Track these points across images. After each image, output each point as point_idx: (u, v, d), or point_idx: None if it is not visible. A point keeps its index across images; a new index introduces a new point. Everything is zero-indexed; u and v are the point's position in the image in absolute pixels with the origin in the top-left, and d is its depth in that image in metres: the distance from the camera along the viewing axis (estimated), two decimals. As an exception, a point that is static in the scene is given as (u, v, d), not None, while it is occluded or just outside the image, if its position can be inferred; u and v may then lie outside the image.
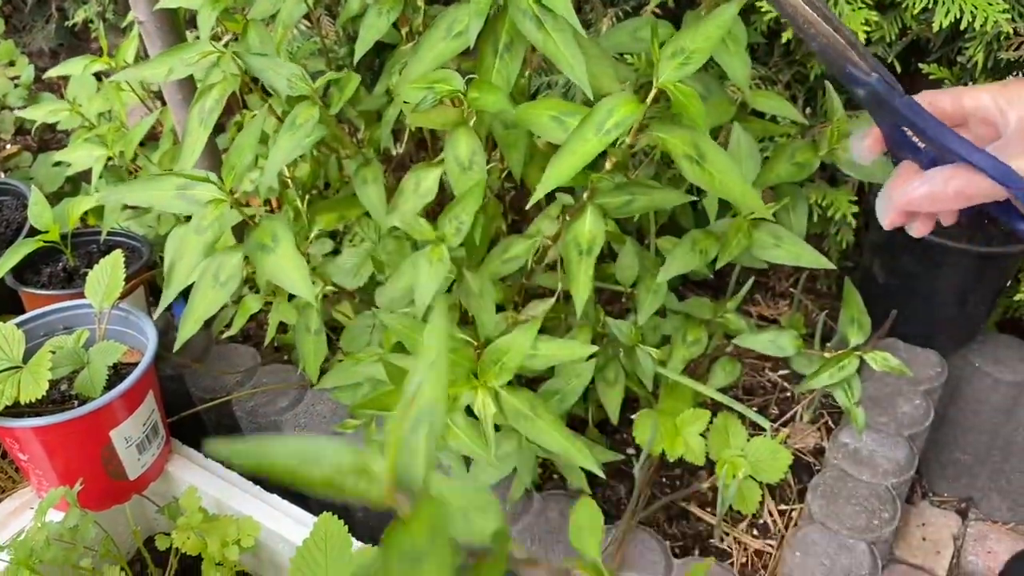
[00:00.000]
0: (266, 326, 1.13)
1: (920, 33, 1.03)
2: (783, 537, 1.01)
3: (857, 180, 1.16)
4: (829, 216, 1.16)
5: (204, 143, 0.89)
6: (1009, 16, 0.93)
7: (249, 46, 0.94)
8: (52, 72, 1.24)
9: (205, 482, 1.05)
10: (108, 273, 1.01)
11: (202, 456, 1.10)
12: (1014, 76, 1.07)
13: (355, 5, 0.94)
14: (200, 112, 0.89)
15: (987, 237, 1.05)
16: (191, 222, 0.80)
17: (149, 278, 1.28)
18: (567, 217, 0.83)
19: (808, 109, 1.19)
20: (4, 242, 1.29)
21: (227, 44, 0.98)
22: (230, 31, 1.00)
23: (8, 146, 1.89)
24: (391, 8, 0.87)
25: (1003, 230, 1.04)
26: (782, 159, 0.90)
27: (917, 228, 0.57)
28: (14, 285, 1.21)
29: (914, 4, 0.96)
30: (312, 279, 0.83)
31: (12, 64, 1.97)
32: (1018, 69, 1.06)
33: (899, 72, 1.08)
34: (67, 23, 2.05)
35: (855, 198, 1.15)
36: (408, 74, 0.81)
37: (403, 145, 1.13)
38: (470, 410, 0.76)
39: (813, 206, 1.16)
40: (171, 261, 0.82)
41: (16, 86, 1.92)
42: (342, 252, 1.03)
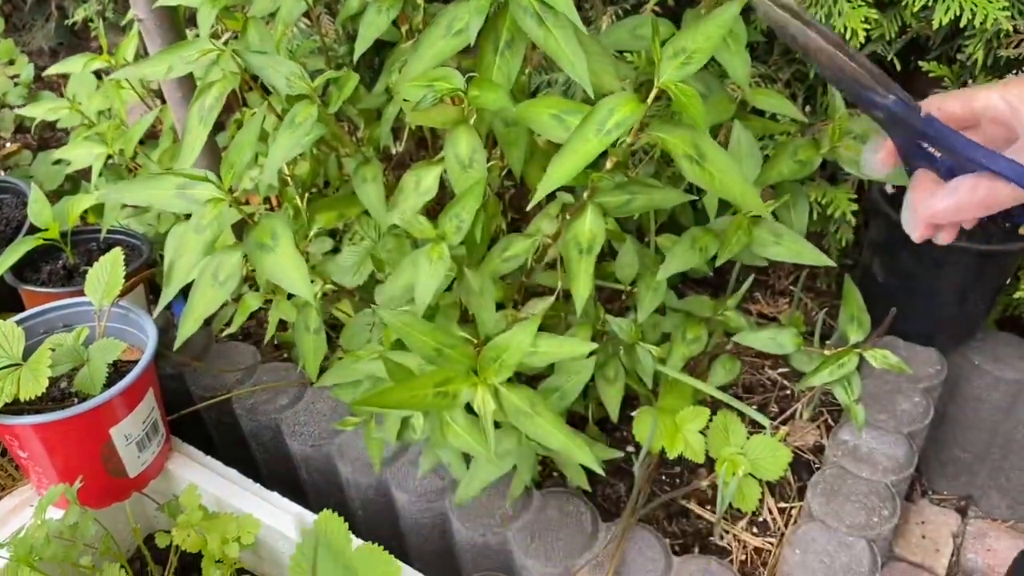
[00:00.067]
0: (266, 324, 1.13)
1: (920, 31, 1.03)
2: (783, 535, 1.02)
3: (857, 178, 1.17)
4: (829, 214, 1.16)
5: (204, 141, 0.89)
6: (1009, 14, 0.93)
7: (249, 44, 0.94)
8: (52, 70, 1.24)
9: (205, 480, 1.05)
10: (108, 271, 1.01)
11: (202, 454, 1.10)
12: (1015, 74, 1.07)
13: (355, 3, 0.94)
14: (200, 110, 0.89)
15: (987, 235, 1.05)
16: (190, 221, 0.80)
17: (149, 276, 1.28)
18: (567, 216, 0.83)
19: (808, 107, 1.19)
20: (4, 240, 1.29)
21: (227, 42, 0.98)
22: (230, 29, 1.00)
23: (8, 144, 1.89)
24: (391, 6, 0.87)
25: (1004, 228, 1.04)
26: (784, 157, 0.90)
27: (943, 237, 0.57)
28: (14, 283, 1.21)
29: (914, 2, 0.96)
30: (311, 277, 0.83)
31: (12, 63, 1.97)
32: (1018, 67, 1.06)
33: (899, 70, 1.08)
34: (67, 22, 2.05)
35: (855, 196, 1.15)
36: (408, 72, 0.81)
37: (403, 143, 1.13)
38: (470, 408, 0.76)
39: (813, 204, 1.16)
40: (171, 259, 0.82)
41: (16, 84, 1.92)
42: (342, 250, 1.03)
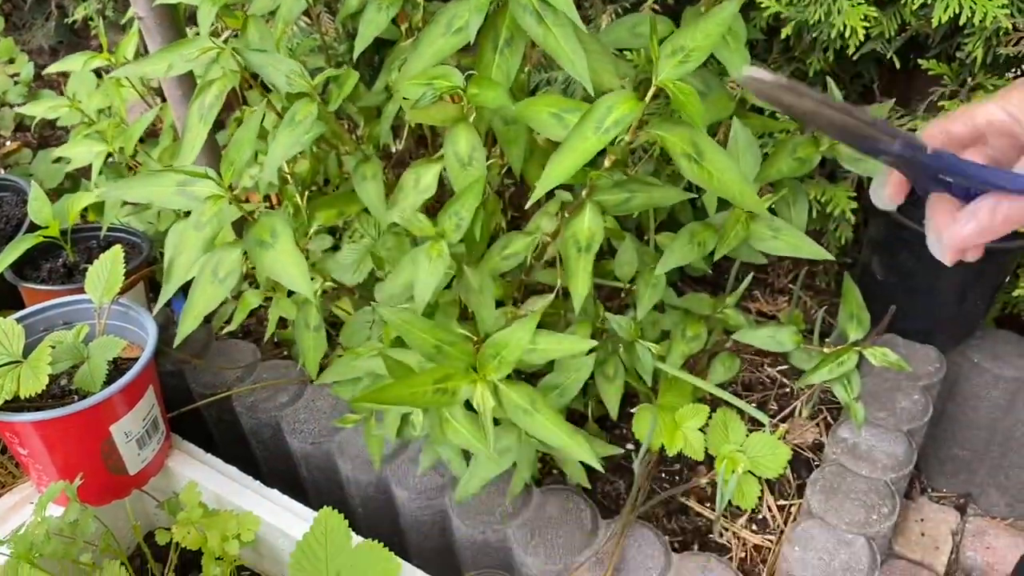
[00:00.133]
0: (266, 322, 1.13)
1: (919, 29, 1.03)
2: (782, 532, 1.02)
3: (856, 176, 1.17)
4: (828, 212, 1.16)
5: (204, 139, 0.89)
6: (1008, 12, 0.93)
7: (249, 42, 0.94)
8: (52, 68, 1.24)
9: (205, 477, 1.05)
10: (108, 268, 1.01)
11: (202, 451, 1.10)
12: (1012, 73, 1.07)
13: (354, 1, 0.94)
14: (200, 108, 0.89)
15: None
16: (190, 218, 0.80)
17: (149, 274, 1.29)
18: (566, 214, 0.83)
19: (807, 105, 1.19)
20: (4, 238, 1.29)
21: (227, 40, 0.98)
22: (230, 27, 1.00)
23: (8, 142, 1.89)
24: (390, 4, 0.87)
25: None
26: (783, 154, 0.90)
27: (971, 256, 0.57)
28: (14, 280, 1.21)
29: (913, 0, 0.96)
30: (311, 275, 0.83)
31: (12, 61, 1.97)
32: (1017, 65, 1.06)
33: (898, 68, 1.08)
34: (67, 20, 2.05)
35: (854, 194, 1.15)
36: (407, 70, 0.81)
37: (403, 142, 1.13)
38: (470, 405, 0.77)
39: (812, 202, 1.16)
40: (170, 256, 0.82)
41: (16, 83, 1.92)
42: (341, 248, 1.03)
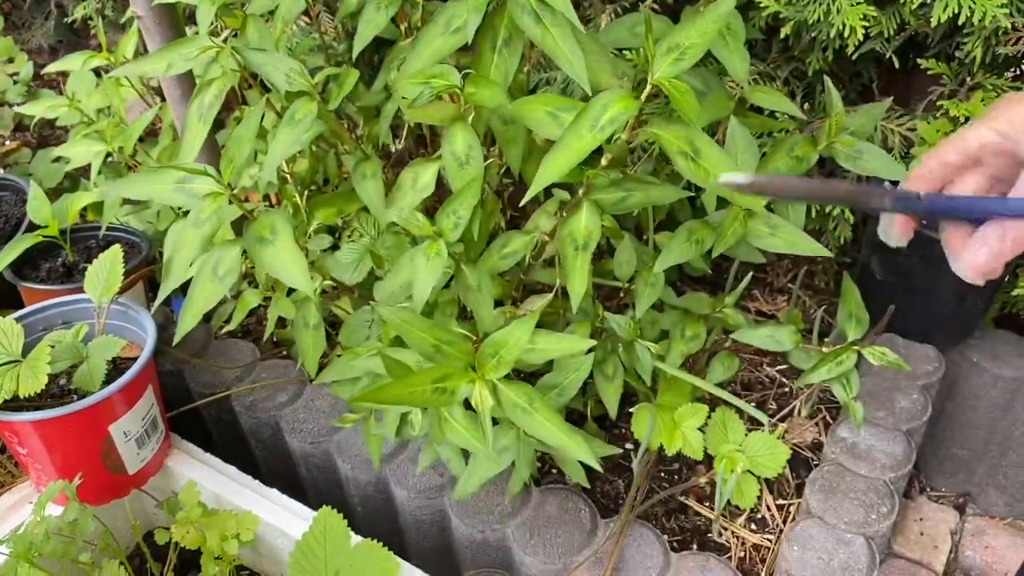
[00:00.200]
0: (265, 321, 1.13)
1: (918, 28, 1.03)
2: (781, 532, 1.02)
3: (855, 175, 1.16)
4: (827, 212, 1.16)
5: (203, 138, 0.89)
6: (1007, 11, 0.93)
7: (248, 41, 0.94)
8: (51, 68, 1.24)
9: (204, 477, 1.05)
10: (107, 268, 1.01)
11: (201, 451, 1.10)
12: (1012, 73, 1.07)
13: (353, 0, 0.94)
14: (199, 107, 0.89)
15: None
16: (189, 215, 0.80)
17: (148, 273, 1.29)
18: (564, 213, 0.83)
19: (806, 104, 1.19)
20: (3, 237, 1.29)
21: (226, 39, 0.98)
22: (229, 26, 1.00)
23: (7, 142, 1.89)
24: (389, 3, 0.87)
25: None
26: (781, 153, 0.90)
27: (993, 275, 0.58)
28: (13, 280, 1.21)
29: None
30: (311, 274, 0.83)
31: (11, 61, 1.97)
32: (1016, 64, 1.07)
33: (897, 67, 1.08)
34: (66, 20, 2.05)
35: (853, 194, 1.15)
36: (406, 70, 0.81)
37: (402, 141, 1.13)
38: (469, 404, 0.76)
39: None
40: (170, 254, 0.82)
41: (15, 82, 1.92)
42: (341, 248, 1.03)
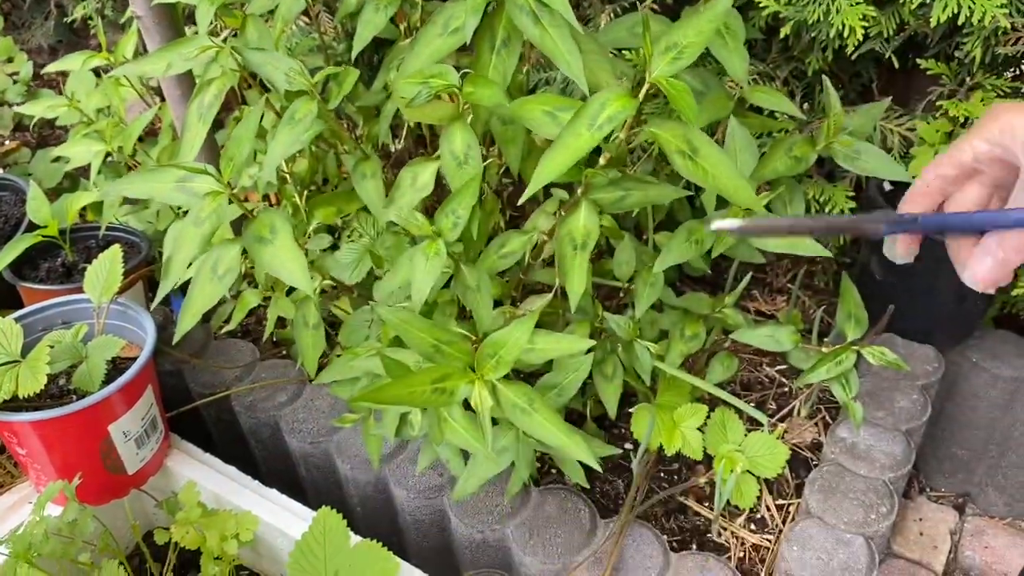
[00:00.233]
0: (265, 321, 1.13)
1: (918, 28, 1.03)
2: (780, 532, 1.02)
3: (854, 176, 1.17)
4: (826, 211, 1.16)
5: (203, 138, 0.89)
6: (1007, 11, 0.93)
7: (247, 41, 0.94)
8: (51, 68, 1.24)
9: (204, 477, 1.05)
10: (107, 268, 1.01)
11: (201, 451, 1.10)
12: (1012, 73, 1.07)
13: (353, 1, 0.94)
14: (199, 107, 0.89)
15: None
16: (189, 214, 0.80)
17: (148, 273, 1.29)
18: (562, 212, 0.83)
19: (806, 104, 1.19)
20: (3, 237, 1.29)
21: (225, 39, 0.98)
22: (228, 26, 1.00)
23: (7, 142, 1.89)
24: (388, 4, 0.87)
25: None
26: (779, 153, 0.90)
27: (1003, 282, 0.58)
28: (12, 280, 1.21)
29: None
30: (310, 273, 0.83)
31: (11, 60, 1.97)
32: (1016, 64, 1.06)
33: (897, 67, 1.08)
34: (66, 19, 2.06)
35: (852, 194, 1.15)
36: (405, 70, 0.81)
37: (402, 141, 1.13)
38: (468, 404, 0.76)
39: (811, 201, 1.16)
40: (169, 253, 0.82)
41: (15, 82, 1.92)
42: (340, 247, 1.03)
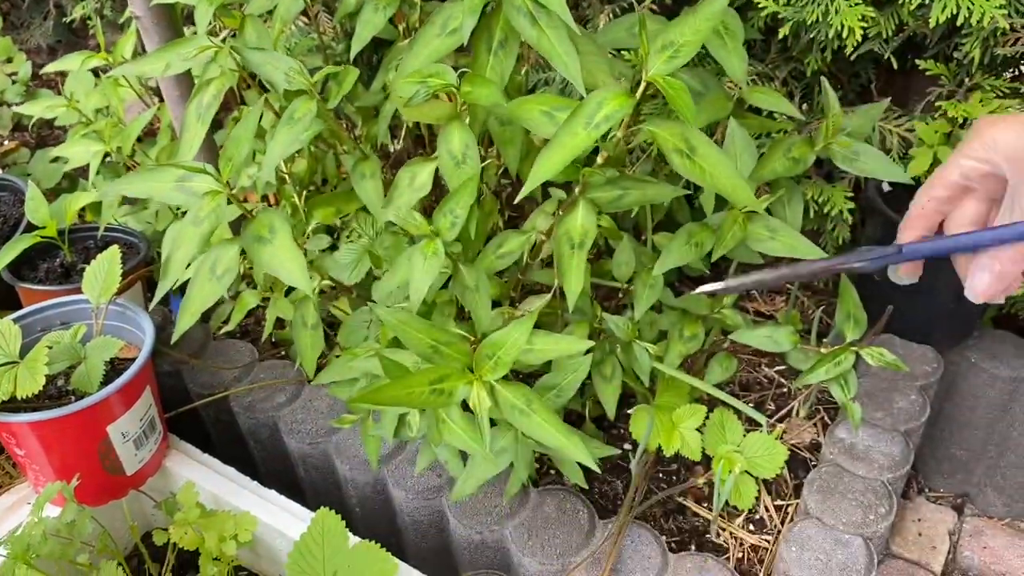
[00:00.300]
0: (264, 322, 1.13)
1: (917, 29, 1.03)
2: (779, 532, 1.02)
3: (853, 176, 1.17)
4: (826, 212, 1.16)
5: (202, 138, 0.89)
6: (1006, 12, 0.93)
7: (246, 42, 0.94)
8: (50, 68, 1.24)
9: (202, 477, 1.05)
10: (105, 268, 1.01)
11: (199, 452, 1.10)
12: (1010, 74, 1.07)
13: (352, 1, 0.94)
14: (198, 107, 0.89)
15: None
16: (188, 214, 0.80)
17: (147, 274, 1.29)
18: (560, 212, 0.83)
19: (805, 105, 1.19)
20: (1, 238, 1.29)
21: (224, 40, 0.98)
22: (227, 27, 1.00)
23: (6, 142, 1.89)
24: (387, 4, 0.87)
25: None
26: (778, 154, 0.90)
27: (1012, 289, 0.58)
28: (11, 281, 1.21)
29: (911, 0, 0.96)
30: (309, 273, 0.83)
31: (10, 60, 1.97)
32: (1015, 65, 1.07)
33: (896, 68, 1.08)
34: (65, 19, 2.06)
35: (851, 194, 1.15)
36: (403, 70, 0.81)
37: (400, 141, 1.13)
38: (467, 405, 0.76)
39: (809, 202, 1.16)
40: (168, 252, 0.81)
41: (14, 82, 1.92)
42: (339, 248, 1.03)
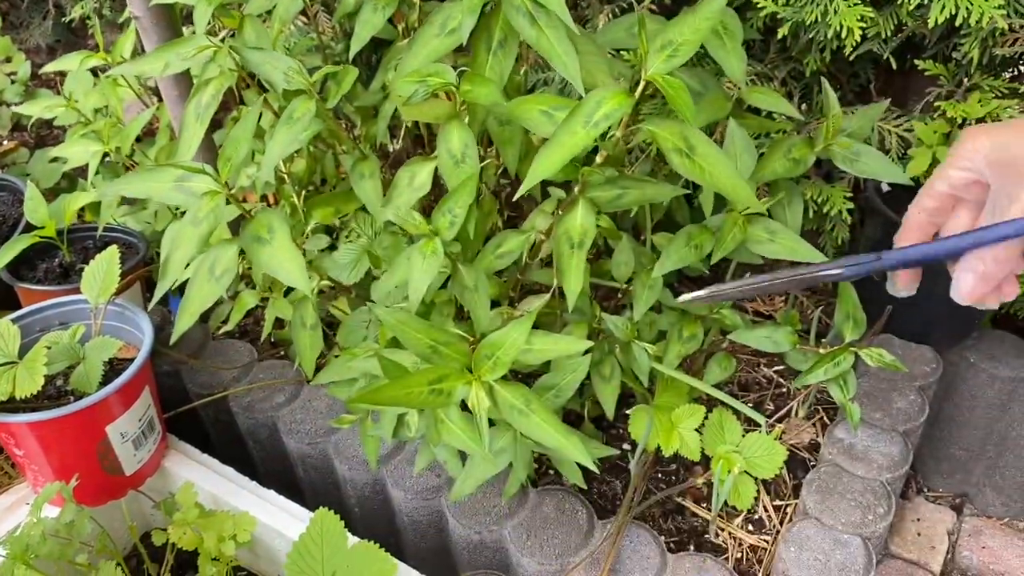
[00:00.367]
0: (263, 322, 1.13)
1: (916, 29, 1.03)
2: (778, 532, 1.02)
3: (853, 176, 1.17)
4: (825, 212, 1.16)
5: (201, 138, 0.89)
6: (1004, 12, 0.93)
7: (245, 41, 0.94)
8: (49, 67, 1.24)
9: (201, 477, 1.05)
10: (104, 268, 1.01)
11: (198, 452, 1.10)
12: (1009, 74, 1.07)
13: (351, 1, 0.94)
14: (196, 107, 0.89)
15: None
16: (187, 214, 0.80)
17: (145, 274, 1.28)
18: (560, 211, 0.83)
19: (804, 105, 1.19)
20: (0, 238, 1.29)
21: (223, 40, 0.98)
22: (226, 27, 1.00)
23: (5, 142, 1.89)
24: (386, 4, 0.87)
25: None
26: (777, 155, 0.90)
27: (1008, 293, 0.57)
28: (10, 281, 1.21)
29: (909, 0, 0.96)
30: (308, 274, 0.83)
31: (9, 60, 1.97)
32: (1014, 65, 1.07)
33: (895, 68, 1.08)
34: (64, 19, 2.06)
35: (850, 194, 1.15)
36: (402, 70, 0.81)
37: (400, 141, 1.13)
38: (465, 406, 0.76)
39: (809, 202, 1.16)
40: (167, 253, 0.81)
41: (13, 82, 1.92)
42: (338, 248, 1.03)
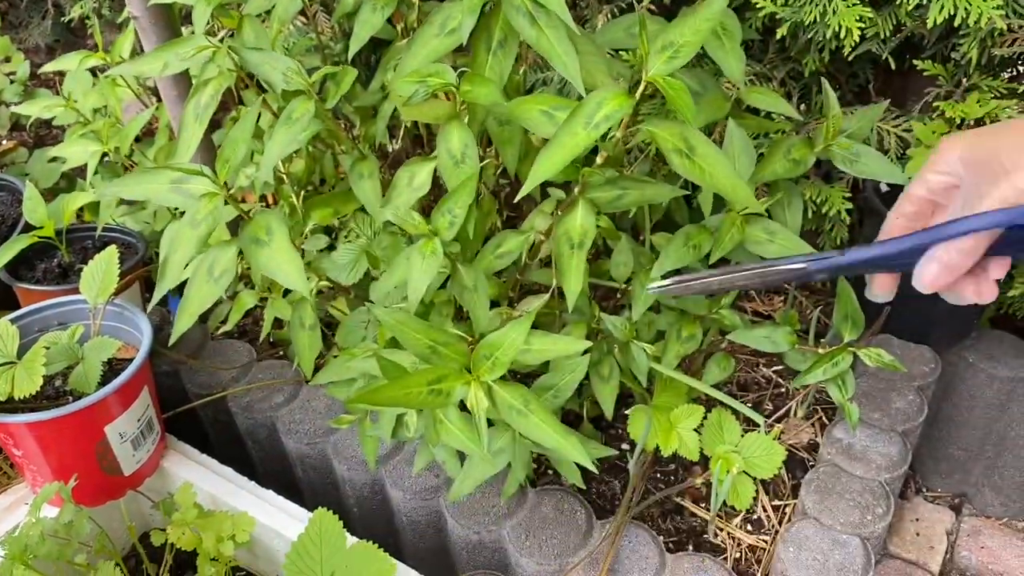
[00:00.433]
0: (262, 322, 1.13)
1: (914, 29, 1.04)
2: (777, 532, 1.02)
3: (851, 177, 1.17)
4: (824, 213, 1.16)
5: (200, 138, 0.89)
6: (1003, 12, 0.93)
7: (244, 42, 0.94)
8: (48, 67, 1.24)
9: (200, 478, 1.05)
10: (103, 269, 1.01)
11: (197, 452, 1.10)
12: (1008, 75, 1.07)
13: (350, 1, 0.94)
14: (195, 107, 0.89)
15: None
16: (186, 215, 0.80)
17: (144, 274, 1.28)
18: (559, 212, 0.83)
19: (803, 105, 1.19)
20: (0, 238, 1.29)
21: (222, 40, 0.98)
22: (225, 27, 1.00)
23: (4, 141, 1.89)
24: (386, 4, 0.87)
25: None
26: (777, 155, 0.90)
27: (988, 294, 0.57)
28: (9, 281, 1.21)
29: (908, 0, 0.96)
30: (307, 274, 0.83)
31: (8, 60, 1.97)
32: (1012, 65, 1.07)
33: (893, 68, 1.08)
34: (63, 19, 2.06)
35: (849, 194, 1.15)
36: (402, 70, 0.81)
37: (399, 141, 1.13)
38: (464, 406, 0.76)
39: (808, 202, 1.16)
40: (166, 254, 0.81)
41: (12, 82, 1.92)
42: (337, 248, 1.03)
